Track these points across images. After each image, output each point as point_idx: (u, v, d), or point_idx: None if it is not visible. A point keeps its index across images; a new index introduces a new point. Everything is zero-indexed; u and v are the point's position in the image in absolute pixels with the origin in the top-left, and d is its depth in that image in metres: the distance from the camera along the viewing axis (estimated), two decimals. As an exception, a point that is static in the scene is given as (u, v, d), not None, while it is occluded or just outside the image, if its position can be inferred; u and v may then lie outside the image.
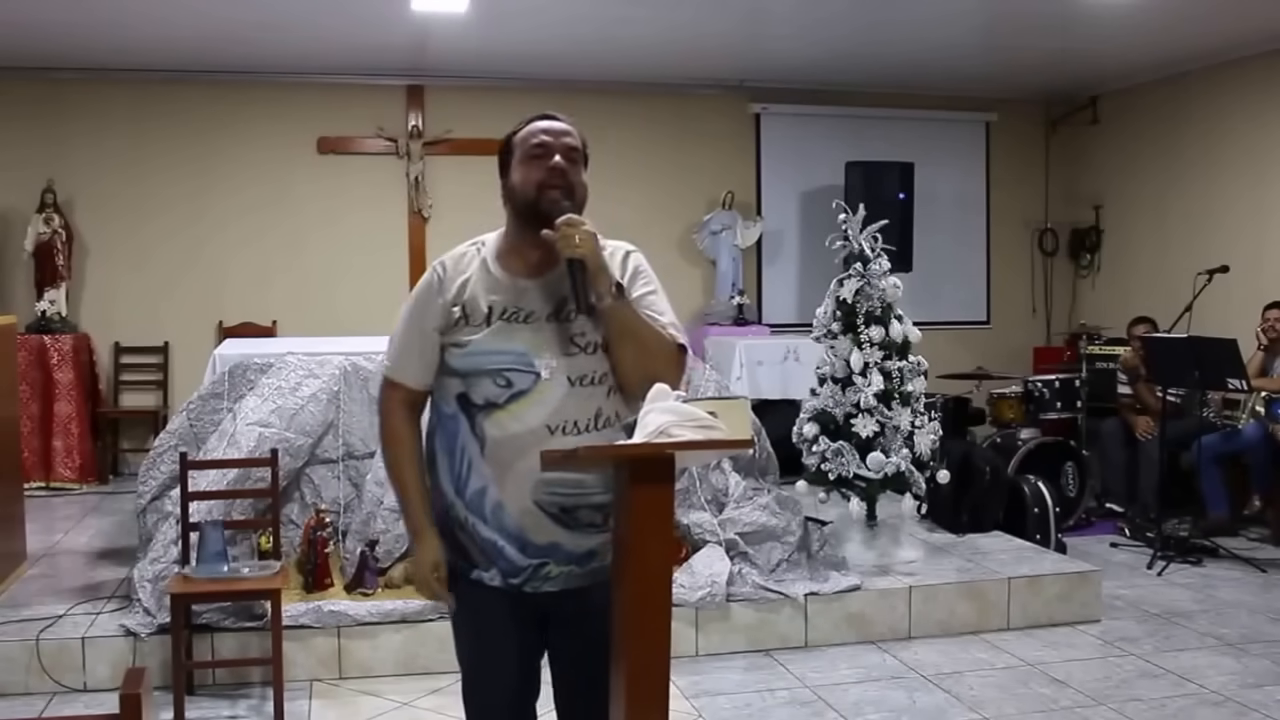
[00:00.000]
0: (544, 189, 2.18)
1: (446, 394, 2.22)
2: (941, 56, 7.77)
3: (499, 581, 2.21)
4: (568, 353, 2.16)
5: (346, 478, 4.87)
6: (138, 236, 7.92)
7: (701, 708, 4.00)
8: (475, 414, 2.16)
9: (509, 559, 2.19)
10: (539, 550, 2.18)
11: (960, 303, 9.16)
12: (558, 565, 2.19)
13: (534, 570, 2.19)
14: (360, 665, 4.24)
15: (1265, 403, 6.39)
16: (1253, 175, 7.55)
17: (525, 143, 2.22)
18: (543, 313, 2.18)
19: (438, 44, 7.36)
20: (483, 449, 2.16)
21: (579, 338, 2.17)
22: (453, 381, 2.20)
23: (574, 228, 2.11)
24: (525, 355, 2.15)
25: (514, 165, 2.23)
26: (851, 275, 5.13)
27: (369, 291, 8.09)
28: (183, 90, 7.92)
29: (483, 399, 2.16)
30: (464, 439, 2.18)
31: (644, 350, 2.15)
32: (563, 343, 2.16)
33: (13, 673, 4.00)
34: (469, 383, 2.17)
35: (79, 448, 7.33)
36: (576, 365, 2.16)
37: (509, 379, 2.14)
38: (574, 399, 2.15)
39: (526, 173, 2.20)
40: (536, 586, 2.21)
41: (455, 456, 2.19)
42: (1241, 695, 4.08)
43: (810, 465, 5.16)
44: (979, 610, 4.83)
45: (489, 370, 2.15)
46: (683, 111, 8.60)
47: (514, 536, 2.17)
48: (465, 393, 2.17)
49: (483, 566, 2.22)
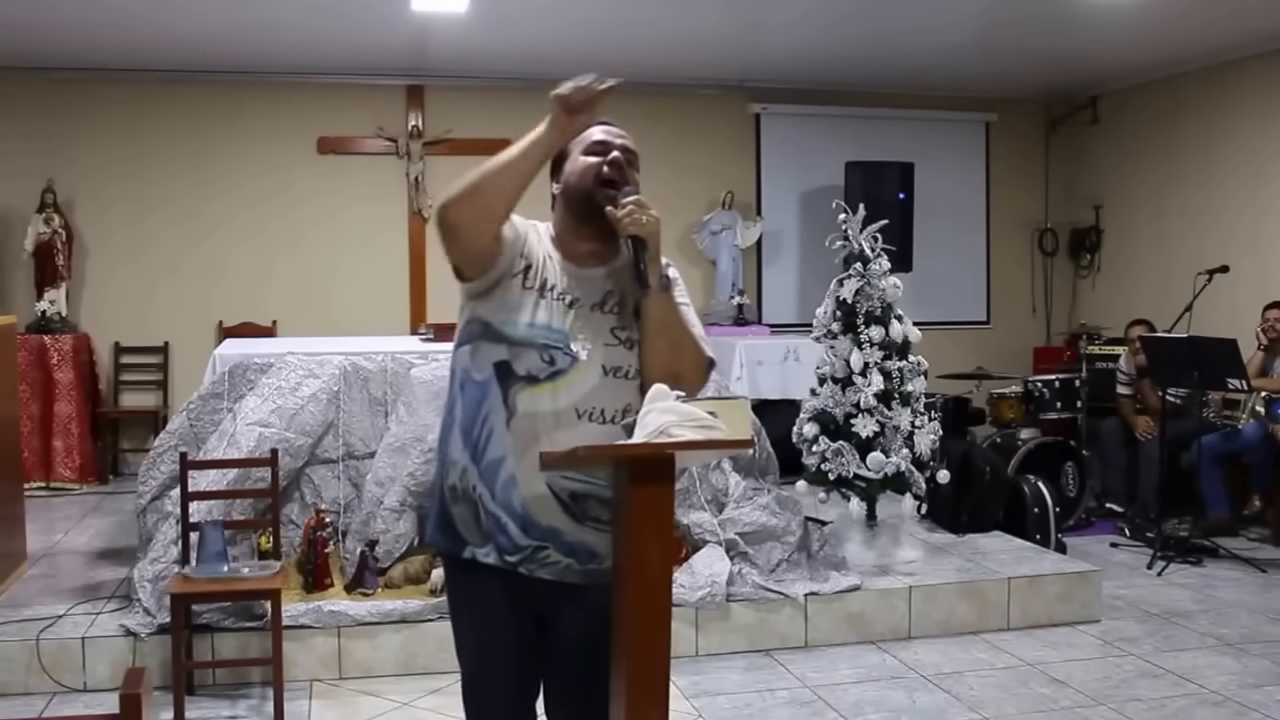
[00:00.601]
0: (602, 180, 2.23)
1: (482, 360, 2.21)
2: (941, 57, 7.77)
3: (494, 559, 2.21)
4: (606, 343, 2.21)
5: (346, 478, 4.87)
6: (138, 236, 7.92)
7: (701, 708, 4.00)
8: (512, 384, 2.18)
9: (510, 536, 2.19)
10: (541, 533, 2.18)
11: (960, 303, 9.16)
12: (556, 553, 2.19)
13: (532, 552, 2.19)
14: (360, 665, 4.24)
15: (1265, 403, 6.39)
16: (1252, 175, 7.55)
17: (584, 141, 2.27)
18: (587, 302, 2.23)
19: (438, 44, 7.36)
20: (509, 420, 2.17)
21: (619, 330, 2.22)
22: (497, 349, 2.20)
23: (642, 208, 2.17)
24: (567, 337, 2.19)
25: (569, 161, 2.28)
26: (851, 275, 5.13)
27: (369, 292, 8.10)
28: (183, 90, 7.92)
29: (525, 370, 2.17)
30: (490, 407, 2.18)
31: (677, 349, 2.21)
32: (603, 332, 2.21)
33: (13, 673, 4.00)
34: (515, 352, 2.18)
35: (79, 448, 7.33)
36: (613, 356, 2.20)
37: (553, 357, 2.17)
38: (605, 389, 2.18)
39: (586, 166, 2.25)
40: (532, 570, 2.21)
41: (476, 424, 2.20)
42: (1241, 695, 4.08)
43: (810, 465, 5.16)
44: (979, 610, 4.83)
45: (539, 344, 2.18)
46: (683, 111, 8.60)
47: (519, 515, 2.17)
48: (508, 361, 2.18)
49: (477, 543, 2.22)
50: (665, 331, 2.21)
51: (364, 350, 5.03)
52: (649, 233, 2.17)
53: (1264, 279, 7.16)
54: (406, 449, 4.67)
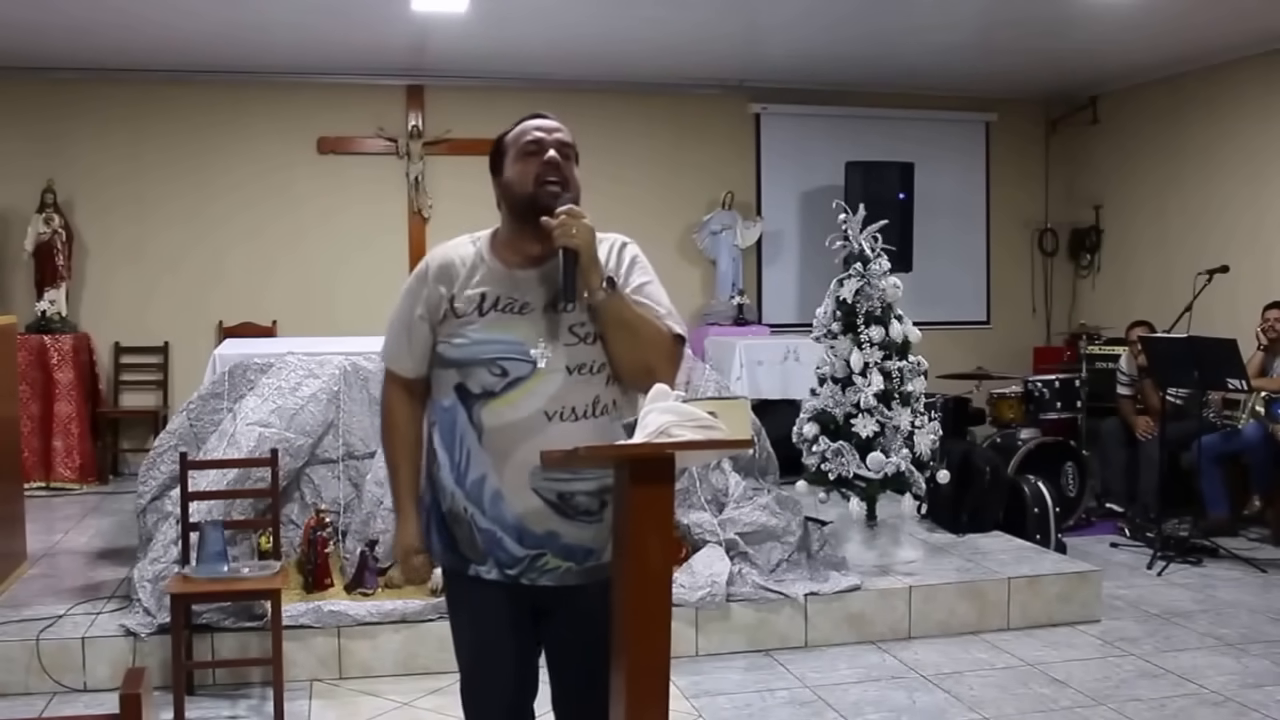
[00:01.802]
0: (541, 182, 2.22)
1: (444, 387, 2.25)
2: (942, 57, 7.77)
3: (496, 574, 2.23)
4: (566, 342, 2.20)
5: (346, 478, 4.87)
6: (138, 236, 7.92)
7: (701, 708, 4.00)
8: (473, 403, 2.20)
9: (507, 549, 2.21)
10: (536, 540, 2.19)
11: (960, 303, 9.16)
12: (555, 557, 2.21)
13: (531, 561, 2.21)
14: (360, 665, 4.24)
15: (1265, 403, 6.39)
16: (1253, 175, 7.55)
17: (519, 140, 2.27)
18: (539, 303, 2.22)
19: (438, 44, 7.36)
20: (480, 438, 2.19)
21: (577, 327, 2.21)
22: (449, 373, 2.23)
23: (574, 219, 2.16)
24: (521, 345, 2.18)
25: (508, 163, 2.28)
26: (851, 275, 5.13)
27: (369, 291, 8.07)
28: (183, 90, 7.92)
29: (480, 388, 2.19)
30: (462, 429, 2.21)
31: (638, 341, 2.20)
32: (560, 332, 2.20)
33: (13, 673, 4.00)
34: (465, 373, 2.21)
35: (79, 448, 7.33)
36: (575, 354, 2.20)
37: (504, 368, 2.18)
38: (572, 387, 2.19)
39: (523, 168, 2.24)
40: (533, 579, 2.23)
41: (455, 448, 2.22)
42: (1241, 695, 4.08)
43: (810, 465, 5.16)
44: (979, 610, 4.83)
45: (484, 360, 2.19)
46: (683, 111, 8.60)
47: (512, 526, 2.19)
48: (462, 383, 2.21)
49: (478, 560, 2.24)
50: (622, 329, 2.19)
51: (364, 350, 5.03)
52: (580, 244, 2.15)
53: (1264, 279, 7.16)
54: (406, 449, 4.67)
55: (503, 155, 2.29)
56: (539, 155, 2.23)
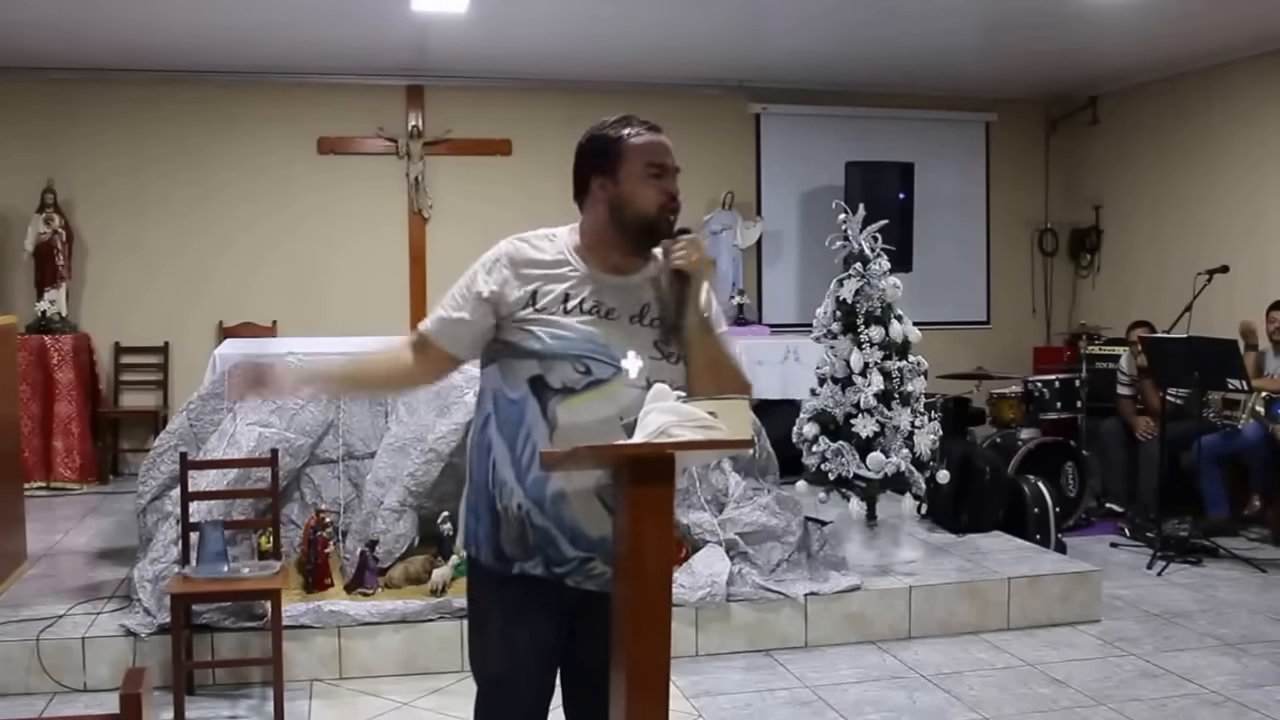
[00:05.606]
0: (665, 211, 2.24)
1: (516, 377, 2.21)
2: (941, 57, 7.77)
3: (542, 570, 2.23)
4: (651, 356, 2.22)
5: (346, 478, 4.87)
6: (138, 236, 7.91)
7: (701, 708, 4.00)
8: (549, 398, 2.18)
9: (559, 549, 2.20)
10: (589, 544, 2.19)
11: (960, 303, 9.16)
12: (603, 563, 2.20)
13: (580, 564, 2.22)
14: (360, 665, 4.24)
15: (1265, 403, 6.39)
16: (1252, 175, 7.55)
17: (641, 156, 2.23)
18: (624, 312, 2.23)
19: (438, 44, 7.36)
20: (552, 434, 2.17)
21: (663, 345, 2.24)
22: (526, 364, 2.20)
23: (695, 248, 2.21)
24: (607, 348, 2.19)
25: (626, 175, 2.22)
26: (851, 275, 5.13)
27: (369, 291, 8.10)
28: (183, 90, 7.92)
29: (560, 383, 2.18)
30: (531, 422, 2.19)
31: (719, 381, 2.22)
32: (646, 346, 2.22)
33: (13, 673, 4.00)
34: (547, 365, 2.19)
35: (79, 448, 7.33)
36: (657, 370, 2.20)
37: (589, 366, 2.18)
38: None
39: (646, 192, 2.23)
40: (579, 581, 2.24)
41: (519, 441, 2.20)
42: (1241, 695, 4.08)
43: (810, 465, 5.16)
44: (979, 610, 4.83)
45: (571, 355, 2.18)
46: (683, 112, 8.56)
47: (568, 527, 2.19)
48: (542, 375, 2.19)
49: (524, 558, 2.23)
50: (710, 366, 2.24)
51: (364, 350, 5.02)
52: (696, 271, 2.21)
53: (1263, 279, 7.16)
54: (407, 449, 4.68)
55: (608, 158, 2.23)
56: (662, 180, 2.23)
